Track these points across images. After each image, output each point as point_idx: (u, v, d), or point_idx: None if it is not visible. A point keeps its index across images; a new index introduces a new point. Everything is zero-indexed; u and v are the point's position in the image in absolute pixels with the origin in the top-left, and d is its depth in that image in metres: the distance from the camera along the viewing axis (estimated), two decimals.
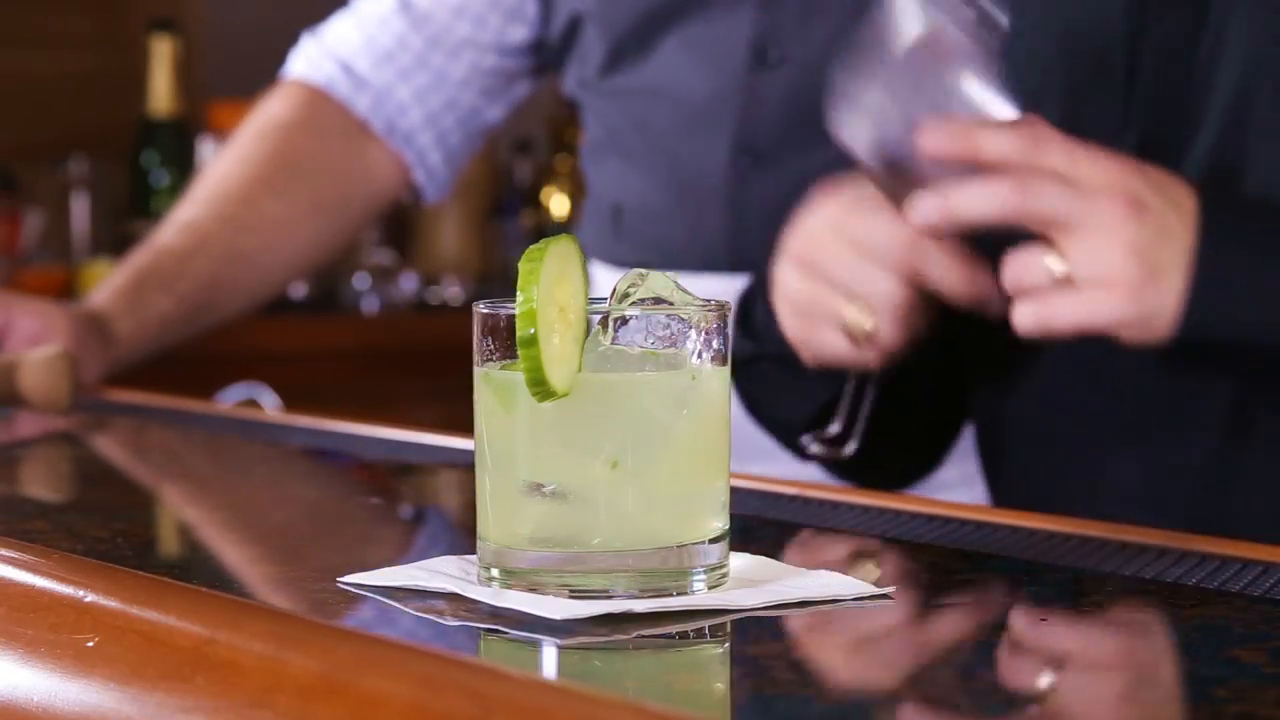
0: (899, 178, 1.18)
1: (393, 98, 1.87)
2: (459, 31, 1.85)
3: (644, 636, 0.86)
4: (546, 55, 1.86)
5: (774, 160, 1.68)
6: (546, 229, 3.34)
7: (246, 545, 1.12)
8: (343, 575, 0.94)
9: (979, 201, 1.15)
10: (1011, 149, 1.15)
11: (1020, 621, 0.89)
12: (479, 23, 1.85)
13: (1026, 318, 1.16)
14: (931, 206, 1.16)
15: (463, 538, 0.98)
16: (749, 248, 1.67)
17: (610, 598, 0.89)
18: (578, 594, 0.89)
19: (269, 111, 1.90)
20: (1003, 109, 1.17)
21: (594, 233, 1.81)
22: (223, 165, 1.88)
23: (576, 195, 3.44)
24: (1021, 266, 1.15)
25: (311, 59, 1.90)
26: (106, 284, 1.81)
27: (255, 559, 1.08)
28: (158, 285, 1.79)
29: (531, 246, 0.89)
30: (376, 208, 1.94)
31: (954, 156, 1.15)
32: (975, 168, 1.15)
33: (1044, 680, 0.79)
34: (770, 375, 1.32)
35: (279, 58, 1.95)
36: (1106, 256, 1.14)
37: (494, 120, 1.91)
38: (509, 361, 0.91)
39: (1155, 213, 1.15)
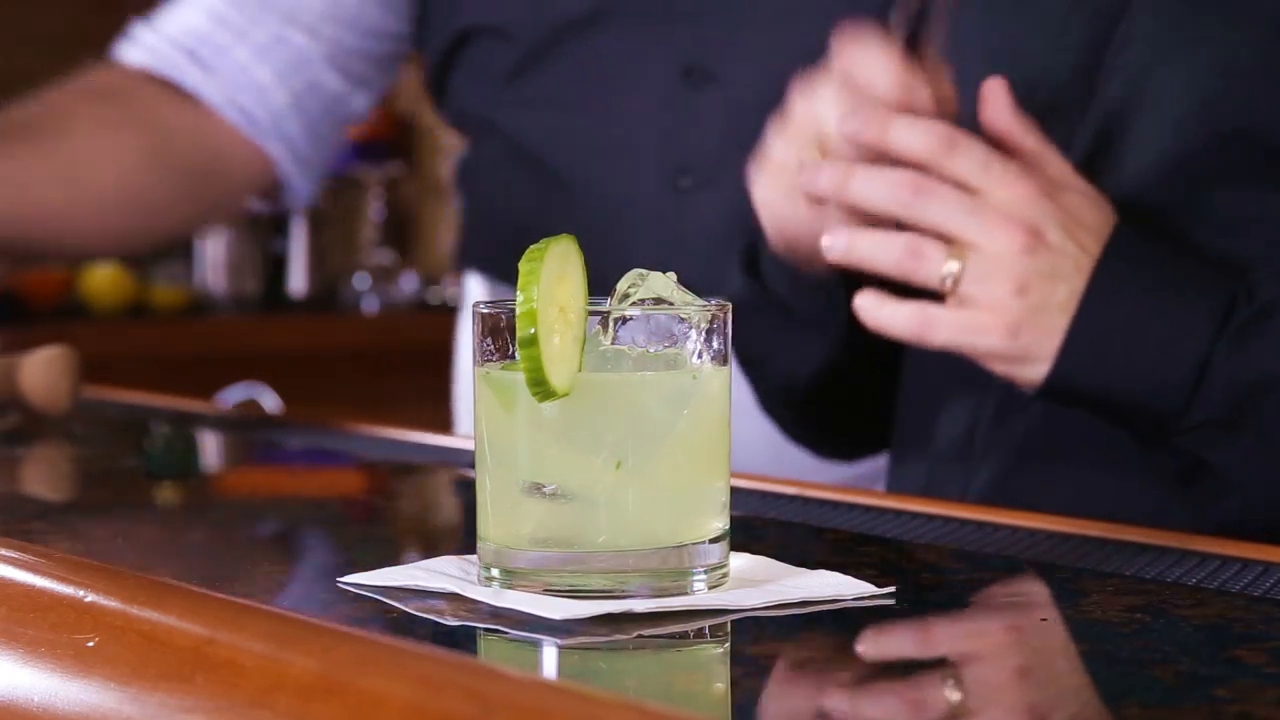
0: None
1: (250, 80, 1.70)
2: (313, 3, 1.71)
3: (644, 636, 0.86)
4: (436, 58, 1.75)
5: (712, 182, 1.62)
6: None
7: (246, 545, 1.12)
8: (343, 575, 0.94)
9: (871, 189, 1.12)
10: (922, 146, 1.12)
11: (1020, 621, 0.89)
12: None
13: (905, 319, 1.13)
14: (827, 177, 1.14)
15: (463, 538, 0.98)
16: (688, 272, 1.62)
17: (610, 598, 0.89)
18: (578, 594, 0.89)
19: (85, 79, 1.73)
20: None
21: (498, 251, 1.72)
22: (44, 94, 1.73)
23: None
24: (917, 251, 1.12)
25: (150, 46, 1.72)
26: None
27: (255, 559, 1.08)
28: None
29: (531, 246, 0.90)
30: (230, 193, 1.75)
31: (865, 142, 1.13)
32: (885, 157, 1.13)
33: (1044, 680, 0.79)
34: (772, 324, 1.30)
35: None
36: (992, 284, 1.11)
37: (360, 109, 1.76)
38: (509, 361, 0.91)
39: (1052, 249, 1.11)
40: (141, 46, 1.72)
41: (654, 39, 1.65)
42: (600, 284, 1.64)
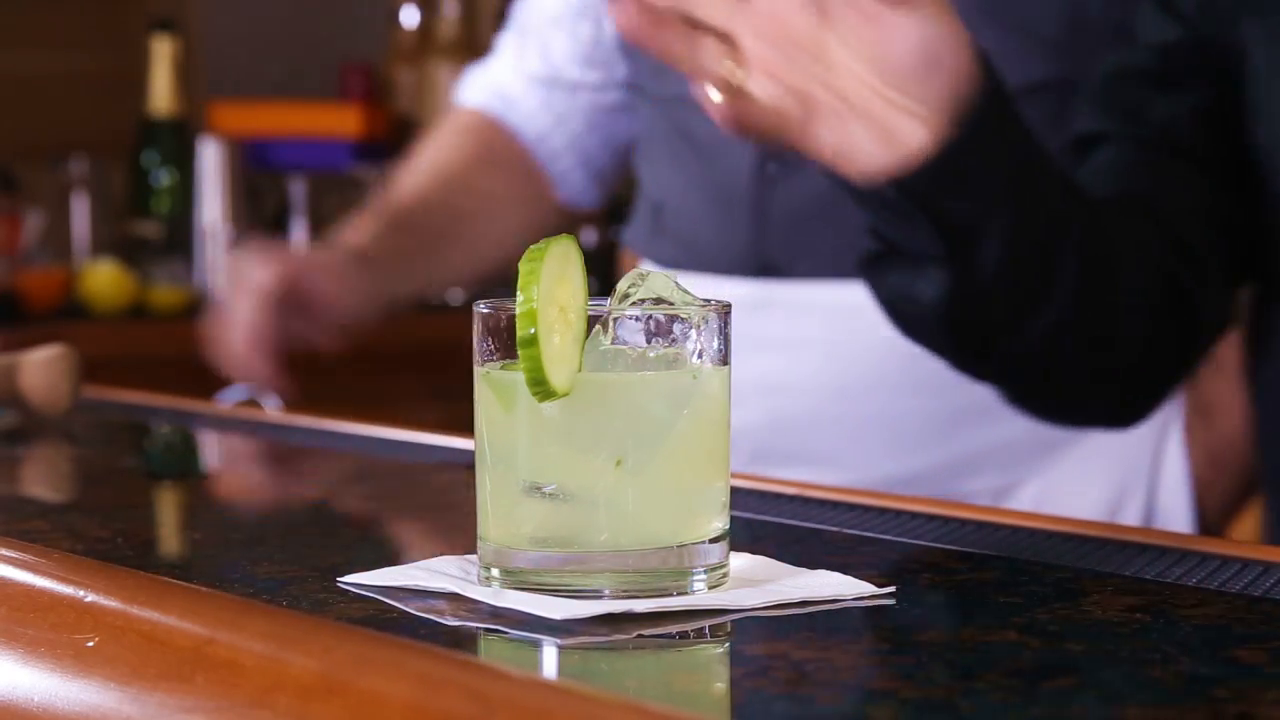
0: None
1: (537, 124, 1.95)
2: (578, 76, 1.93)
3: (644, 636, 0.86)
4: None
5: (796, 167, 1.68)
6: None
7: (246, 545, 1.12)
8: (343, 575, 0.94)
9: None
10: None
11: (1020, 621, 0.89)
12: (586, 65, 1.92)
13: (715, 108, 1.12)
14: None
15: (463, 538, 0.98)
16: (772, 252, 1.67)
17: (611, 598, 0.89)
18: (578, 594, 0.89)
19: (454, 120, 1.99)
20: None
21: (639, 229, 1.84)
22: (431, 151, 1.97)
23: None
24: (695, 43, 1.11)
25: (480, 88, 1.98)
26: (355, 227, 1.91)
27: (255, 559, 1.08)
28: (400, 227, 1.89)
29: (531, 246, 0.90)
30: (554, 216, 2.01)
31: None
32: None
33: (1043, 681, 0.79)
34: (902, 272, 1.28)
35: (279, 58, 1.96)
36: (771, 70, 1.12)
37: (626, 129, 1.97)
38: (509, 361, 0.91)
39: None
40: (475, 88, 1.99)
41: None
42: (708, 262, 1.71)
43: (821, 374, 1.67)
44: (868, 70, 1.13)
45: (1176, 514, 1.69)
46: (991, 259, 1.19)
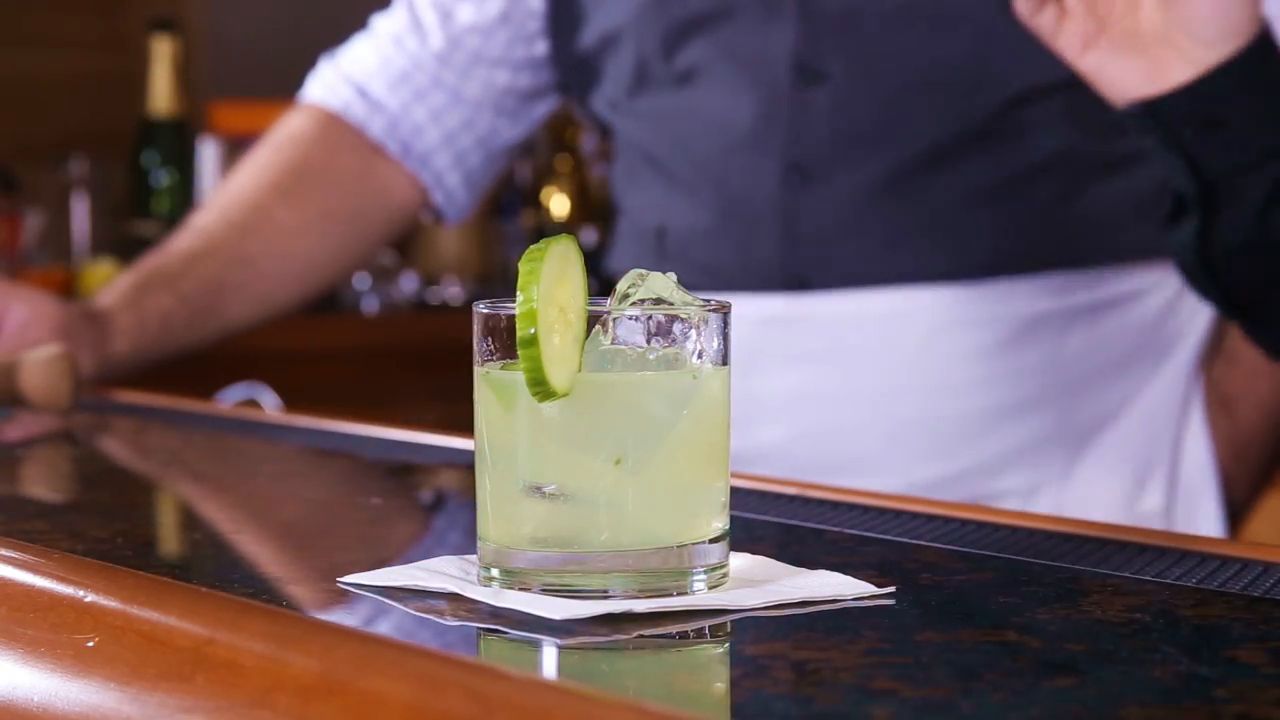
0: None
1: (408, 119, 1.88)
2: (467, 46, 1.86)
3: (644, 636, 0.86)
4: (570, 74, 1.86)
5: (824, 177, 1.67)
6: (546, 229, 3.35)
7: (247, 545, 1.12)
8: (343, 575, 0.94)
9: None
10: None
11: (1020, 621, 0.89)
12: (487, 36, 1.85)
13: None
14: None
15: (463, 538, 0.98)
16: (802, 265, 1.67)
17: (610, 598, 0.89)
18: (578, 594, 0.89)
19: (285, 126, 1.91)
20: None
21: (632, 255, 1.80)
22: (238, 175, 1.89)
23: (576, 196, 3.44)
24: None
25: (328, 83, 1.91)
26: (112, 284, 1.82)
27: (255, 559, 1.08)
28: (160, 284, 1.80)
29: (531, 246, 0.90)
30: (393, 227, 1.94)
31: None
32: None
33: (1043, 681, 0.79)
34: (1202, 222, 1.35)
35: (279, 58, 1.96)
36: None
37: (513, 139, 1.92)
38: (509, 361, 0.91)
39: None
40: (322, 82, 1.91)
41: (770, 37, 1.70)
42: (728, 281, 1.68)
43: (853, 383, 1.67)
44: (1164, 13, 1.26)
45: (1202, 502, 1.69)
46: (1244, 221, 1.25)
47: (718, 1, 1.72)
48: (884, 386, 1.66)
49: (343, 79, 1.90)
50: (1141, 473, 1.68)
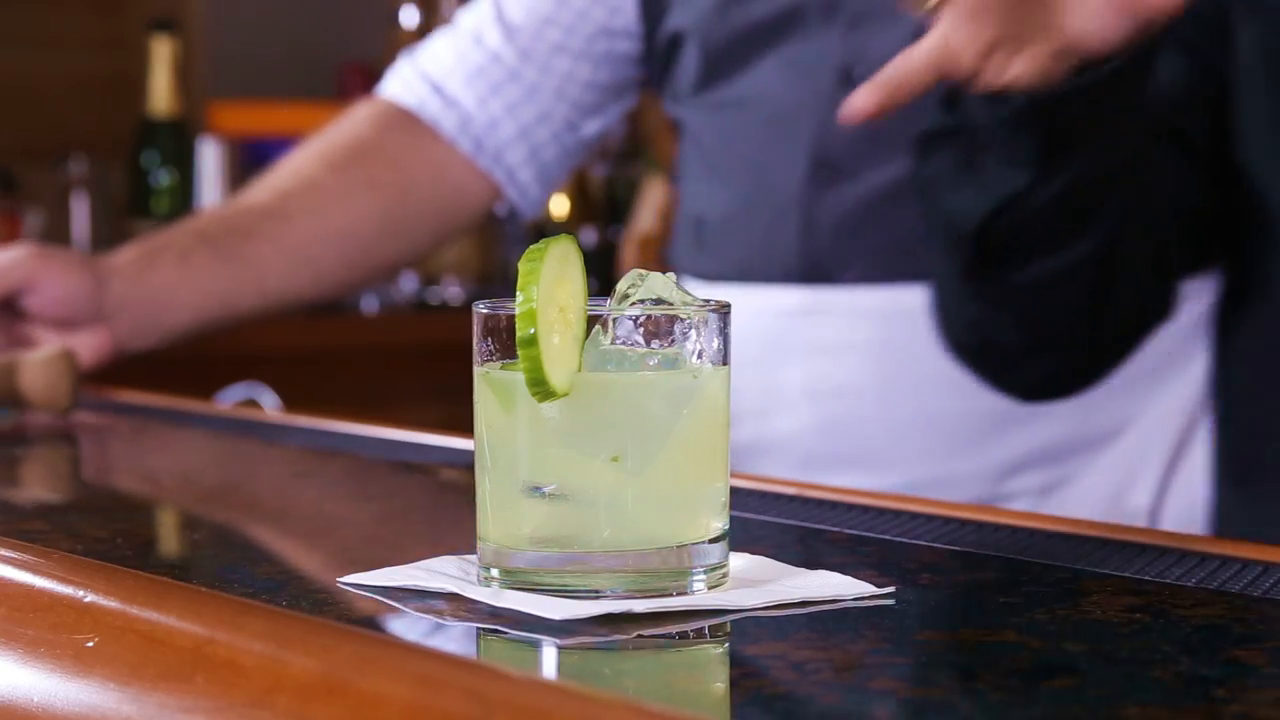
0: None
1: (484, 114, 1.85)
2: (549, 39, 1.84)
3: (644, 636, 0.86)
4: (650, 70, 1.86)
5: (849, 173, 1.68)
6: (546, 229, 3.34)
7: (246, 545, 1.12)
8: (343, 575, 0.94)
9: None
10: None
11: (1020, 621, 0.89)
12: (569, 31, 1.84)
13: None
14: None
15: (463, 538, 0.98)
16: (820, 259, 1.68)
17: (610, 598, 0.89)
18: (578, 594, 0.89)
19: (348, 114, 1.90)
20: None
21: (680, 246, 1.81)
22: (289, 157, 1.88)
23: (576, 196, 3.44)
24: None
25: (404, 79, 1.89)
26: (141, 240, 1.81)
27: (255, 559, 1.08)
28: (193, 232, 1.79)
29: (531, 246, 0.90)
30: (462, 220, 1.91)
31: None
32: None
33: (1043, 681, 0.79)
34: (955, 161, 1.33)
35: (279, 58, 1.96)
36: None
37: (591, 134, 1.90)
38: (509, 361, 0.91)
39: None
40: (399, 78, 1.89)
41: (824, 45, 1.71)
42: (753, 272, 1.69)
43: (871, 377, 1.67)
44: None
45: (1191, 505, 1.69)
46: (1061, 182, 1.25)
47: (780, 9, 1.73)
48: (901, 381, 1.66)
49: (419, 76, 1.88)
50: (1149, 478, 1.68)
